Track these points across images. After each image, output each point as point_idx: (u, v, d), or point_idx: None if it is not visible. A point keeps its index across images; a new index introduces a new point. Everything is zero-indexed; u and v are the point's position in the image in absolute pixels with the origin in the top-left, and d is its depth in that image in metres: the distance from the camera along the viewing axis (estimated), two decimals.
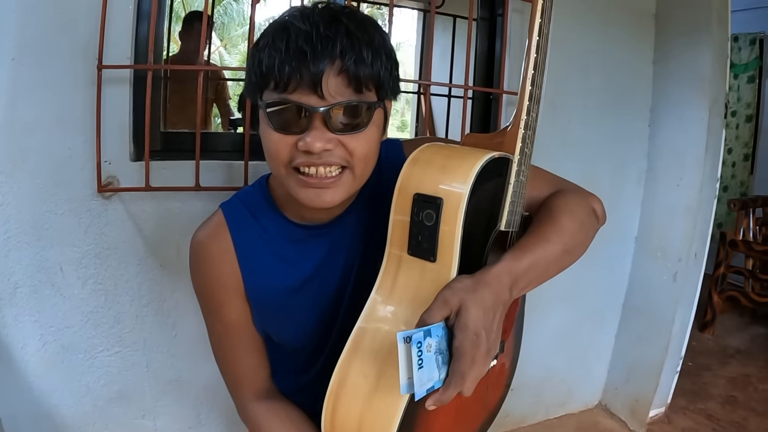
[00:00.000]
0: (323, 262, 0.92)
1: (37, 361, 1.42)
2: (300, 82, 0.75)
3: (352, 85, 0.77)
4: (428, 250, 0.74)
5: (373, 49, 0.78)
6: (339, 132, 0.78)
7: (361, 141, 0.80)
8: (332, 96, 0.76)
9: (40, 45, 1.27)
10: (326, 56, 0.75)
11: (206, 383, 1.57)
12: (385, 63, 0.80)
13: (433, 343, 0.63)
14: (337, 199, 0.81)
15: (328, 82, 0.75)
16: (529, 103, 0.80)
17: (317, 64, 0.74)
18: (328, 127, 0.77)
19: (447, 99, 2.28)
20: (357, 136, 0.79)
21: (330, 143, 0.77)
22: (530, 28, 0.80)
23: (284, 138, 0.79)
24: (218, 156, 1.52)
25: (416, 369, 0.61)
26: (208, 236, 0.91)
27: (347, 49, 0.75)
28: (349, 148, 0.79)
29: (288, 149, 0.79)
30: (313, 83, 0.75)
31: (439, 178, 0.74)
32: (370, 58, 0.77)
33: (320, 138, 0.76)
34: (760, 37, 4.18)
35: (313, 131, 0.76)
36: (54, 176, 1.34)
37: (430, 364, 0.63)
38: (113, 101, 1.34)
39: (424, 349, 0.61)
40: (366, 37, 0.78)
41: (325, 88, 0.75)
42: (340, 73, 0.76)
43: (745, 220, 3.40)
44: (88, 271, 1.41)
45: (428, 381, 0.63)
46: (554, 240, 0.81)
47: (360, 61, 0.76)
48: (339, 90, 0.76)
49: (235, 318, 0.94)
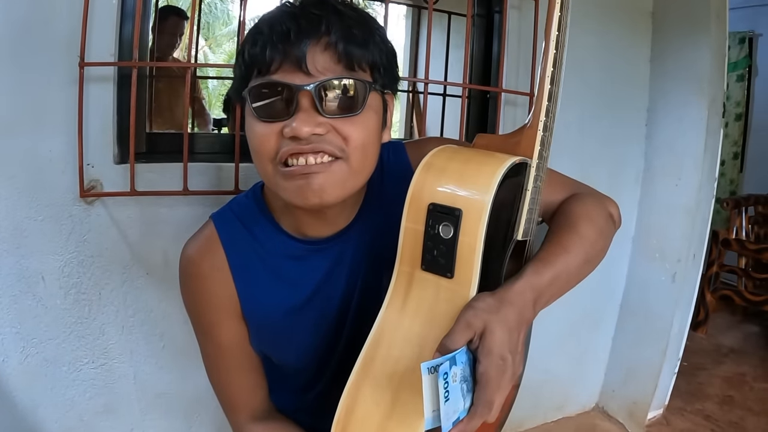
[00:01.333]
0: (325, 280, 0.85)
1: (20, 374, 1.36)
2: (283, 61, 0.69)
3: (343, 61, 0.70)
4: (445, 266, 0.68)
5: (366, 29, 0.72)
6: (331, 115, 0.70)
7: (358, 126, 0.72)
8: (320, 73, 0.69)
9: (18, 41, 1.20)
10: (311, 32, 0.69)
11: (196, 395, 1.51)
12: (379, 45, 0.74)
13: (458, 372, 0.57)
14: (328, 190, 0.72)
15: (315, 57, 0.69)
16: (548, 103, 0.75)
17: (301, 40, 0.68)
18: (317, 110, 0.69)
19: (442, 98, 2.23)
20: (352, 120, 0.71)
21: (320, 127, 0.69)
22: (548, 23, 0.75)
23: (269, 127, 0.71)
24: (207, 158, 1.45)
25: (443, 402, 0.55)
26: (200, 252, 0.84)
27: (334, 25, 0.69)
28: (343, 134, 0.71)
29: (274, 139, 0.71)
30: (297, 60, 0.68)
31: (457, 187, 0.68)
32: (362, 36, 0.71)
33: (308, 121, 0.68)
34: (750, 35, 4.19)
35: (301, 114, 0.69)
36: (33, 180, 1.27)
37: (456, 394, 0.57)
38: (96, 101, 1.28)
39: (450, 380, 0.56)
40: (357, 16, 0.72)
41: (311, 64, 0.68)
42: (328, 48, 0.69)
43: (738, 218, 3.39)
44: (71, 280, 1.35)
45: (454, 413, 0.57)
46: (575, 250, 0.76)
47: (350, 38, 0.70)
48: (328, 66, 0.69)
49: (230, 338, 0.87)
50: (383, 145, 0.92)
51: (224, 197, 1.34)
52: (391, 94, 0.82)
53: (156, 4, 2.23)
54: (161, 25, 2.48)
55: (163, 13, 2.63)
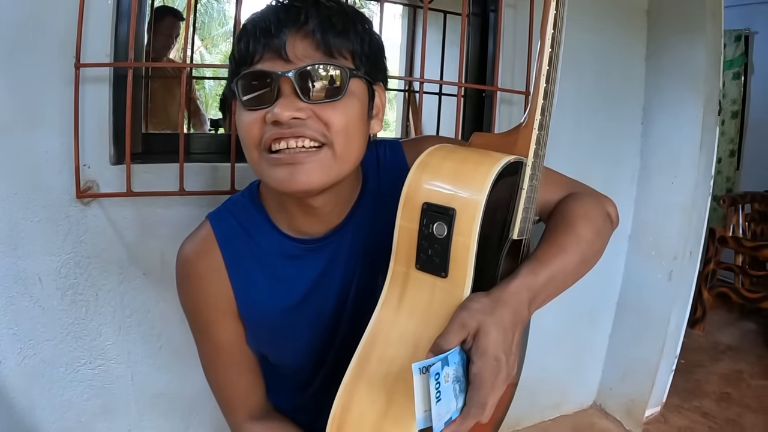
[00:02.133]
0: (320, 279, 0.86)
1: (17, 375, 1.35)
2: (265, 51, 0.71)
3: (321, 48, 0.72)
4: (439, 266, 0.68)
5: (345, 19, 0.74)
6: (312, 101, 0.71)
7: (338, 111, 0.73)
8: (300, 59, 0.71)
9: (13, 42, 1.20)
10: (290, 22, 0.71)
11: (194, 395, 1.51)
12: (360, 33, 0.75)
13: (450, 372, 0.57)
14: (313, 179, 0.72)
15: (295, 45, 0.71)
16: (544, 102, 0.75)
17: (281, 29, 0.71)
18: (298, 95, 0.71)
19: (438, 97, 2.23)
20: (333, 106, 0.72)
21: (301, 112, 0.71)
22: (544, 21, 0.75)
23: (254, 114, 0.73)
24: (203, 158, 1.45)
25: (434, 403, 0.55)
26: (196, 252, 0.85)
27: (313, 14, 0.71)
28: (324, 119, 0.72)
29: (258, 125, 0.73)
30: (278, 48, 0.71)
31: (452, 186, 0.68)
32: (341, 25, 0.73)
33: (289, 106, 0.70)
34: (746, 33, 4.19)
35: (282, 99, 0.71)
36: (30, 181, 1.26)
37: (448, 395, 0.57)
38: (92, 101, 1.27)
39: (441, 380, 0.55)
40: (338, 7, 0.74)
41: (291, 51, 0.71)
42: (306, 36, 0.71)
43: (735, 216, 3.40)
44: (68, 281, 1.34)
45: (446, 413, 0.57)
46: (572, 250, 0.76)
47: (328, 26, 0.72)
48: (307, 53, 0.71)
49: (227, 338, 0.88)
50: (379, 143, 0.92)
51: (220, 197, 1.34)
52: (381, 86, 0.82)
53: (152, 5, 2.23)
54: (157, 25, 2.48)
55: (158, 13, 2.63)
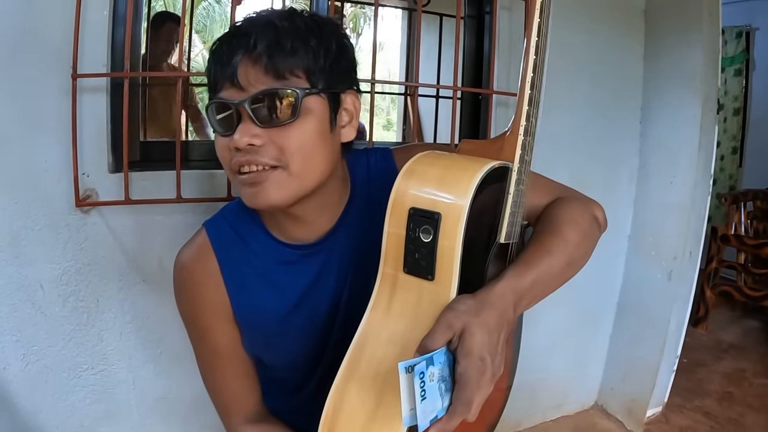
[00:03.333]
0: (314, 283, 0.88)
1: (21, 381, 1.37)
2: (222, 79, 0.75)
3: (271, 72, 0.74)
4: (426, 269, 0.69)
5: (296, 36, 0.75)
6: (266, 126, 0.74)
7: (293, 135, 0.75)
8: (252, 85, 0.73)
9: (11, 53, 1.22)
10: (240, 48, 0.73)
11: (195, 399, 1.52)
12: (314, 49, 0.76)
13: (435, 372, 0.59)
14: (273, 198, 0.76)
15: (247, 72, 0.73)
16: (529, 108, 0.76)
17: (231, 56, 0.74)
18: (254, 121, 0.74)
19: (435, 99, 2.24)
20: (286, 130, 0.75)
21: (257, 138, 0.74)
22: (528, 28, 0.76)
23: (223, 140, 0.77)
24: (200, 165, 1.47)
25: (419, 401, 0.56)
26: (193, 259, 0.87)
27: (260, 38, 0.73)
28: (278, 143, 0.75)
29: (227, 151, 0.77)
30: (231, 76, 0.74)
31: (437, 192, 0.69)
32: (290, 45, 0.74)
33: (246, 132, 0.73)
34: (746, 30, 4.18)
35: (240, 126, 0.74)
36: (30, 190, 1.28)
37: (433, 393, 0.58)
38: (90, 111, 1.29)
39: (426, 379, 0.57)
40: (290, 26, 0.75)
41: (243, 78, 0.73)
42: (257, 62, 0.73)
43: (736, 214, 3.39)
44: (69, 288, 1.36)
45: (431, 412, 0.58)
46: (558, 253, 0.77)
47: (276, 48, 0.73)
48: (258, 79, 0.73)
49: (224, 342, 0.89)
50: (371, 150, 0.94)
51: (217, 204, 1.35)
52: (352, 92, 0.83)
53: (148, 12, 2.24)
54: (157, 31, 2.50)
55: (158, 19, 2.65)
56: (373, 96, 1.52)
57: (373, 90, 1.51)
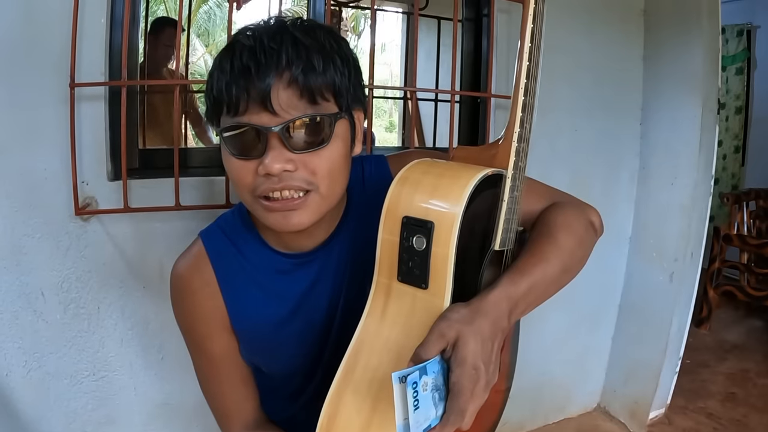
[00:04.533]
0: (310, 291, 0.88)
1: (23, 388, 1.38)
2: (249, 101, 0.71)
3: (306, 96, 0.72)
4: (420, 277, 0.69)
5: (324, 55, 0.73)
6: (300, 150, 0.73)
7: (324, 158, 0.75)
8: (285, 111, 0.71)
9: (9, 62, 1.23)
10: (271, 69, 0.70)
11: (196, 405, 1.52)
12: (340, 68, 0.75)
13: (429, 381, 0.59)
14: (305, 222, 0.77)
15: (279, 95, 0.71)
16: (523, 114, 0.76)
17: (263, 78, 0.70)
18: (286, 147, 0.72)
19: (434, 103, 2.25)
20: (319, 154, 0.75)
21: (290, 164, 0.73)
22: (521, 35, 0.76)
23: (245, 164, 0.75)
24: (199, 172, 1.47)
25: (412, 411, 0.57)
26: (189, 269, 0.87)
27: (293, 59, 0.71)
28: (310, 167, 0.74)
29: (250, 175, 0.75)
30: (262, 99, 0.71)
31: (430, 200, 0.69)
32: (321, 64, 0.73)
33: (279, 158, 0.72)
34: (747, 28, 4.17)
35: (271, 152, 0.72)
36: (30, 199, 1.29)
37: (427, 403, 0.59)
38: (88, 119, 1.30)
39: (419, 389, 0.57)
40: (315, 43, 0.73)
41: (276, 103, 0.71)
42: (290, 84, 0.71)
43: (739, 213, 3.38)
44: (70, 296, 1.37)
45: (425, 421, 0.59)
46: (553, 259, 0.77)
47: (309, 69, 0.72)
48: (291, 103, 0.72)
49: (221, 351, 0.90)
50: (366, 158, 0.95)
51: (216, 211, 1.35)
52: (359, 109, 0.83)
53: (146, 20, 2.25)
54: (157, 37, 2.51)
55: (158, 25, 2.66)
56: (372, 101, 1.52)
57: (372, 95, 1.51)
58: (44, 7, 1.23)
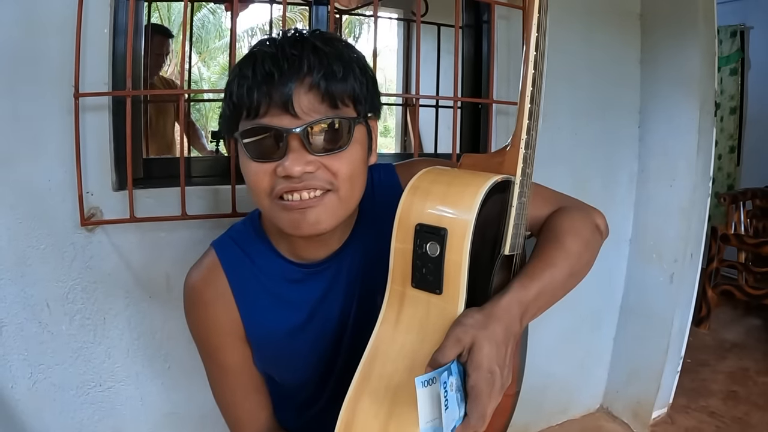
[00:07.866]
0: (323, 300, 0.89)
1: (29, 399, 1.37)
2: (270, 105, 0.73)
3: (327, 101, 0.74)
4: (434, 283, 0.70)
5: (344, 63, 0.75)
6: (319, 153, 0.74)
7: (345, 161, 0.76)
8: (306, 114, 0.73)
9: (12, 72, 1.23)
10: (294, 74, 0.72)
11: (203, 415, 1.52)
12: (359, 77, 0.77)
13: (453, 382, 0.61)
14: (322, 221, 0.77)
15: (300, 99, 0.73)
16: (529, 122, 0.77)
17: (285, 83, 0.72)
18: (307, 149, 0.74)
19: (435, 109, 2.25)
20: (339, 156, 0.76)
21: (310, 165, 0.74)
22: (526, 43, 0.77)
23: (263, 166, 0.76)
24: (203, 181, 1.48)
25: (444, 410, 0.58)
26: (203, 280, 0.88)
27: (315, 65, 0.73)
28: (332, 170, 0.76)
29: (268, 177, 0.76)
30: (284, 103, 0.72)
31: (442, 207, 0.71)
32: (342, 72, 0.74)
33: (299, 161, 0.73)
34: (741, 29, 4.20)
35: (292, 154, 0.73)
36: (34, 210, 1.29)
37: (453, 403, 0.60)
38: (92, 129, 1.30)
39: (448, 389, 0.59)
40: (334, 51, 0.75)
41: (297, 106, 0.72)
42: (311, 89, 0.73)
43: (736, 213, 3.40)
44: (75, 306, 1.37)
45: (452, 421, 0.60)
46: (561, 264, 0.78)
47: (331, 76, 0.73)
48: (313, 107, 0.73)
49: (234, 361, 0.90)
50: (374, 168, 0.95)
51: (222, 220, 1.36)
52: (374, 118, 0.85)
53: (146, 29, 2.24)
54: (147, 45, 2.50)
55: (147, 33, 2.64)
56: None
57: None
58: (47, 17, 1.23)
